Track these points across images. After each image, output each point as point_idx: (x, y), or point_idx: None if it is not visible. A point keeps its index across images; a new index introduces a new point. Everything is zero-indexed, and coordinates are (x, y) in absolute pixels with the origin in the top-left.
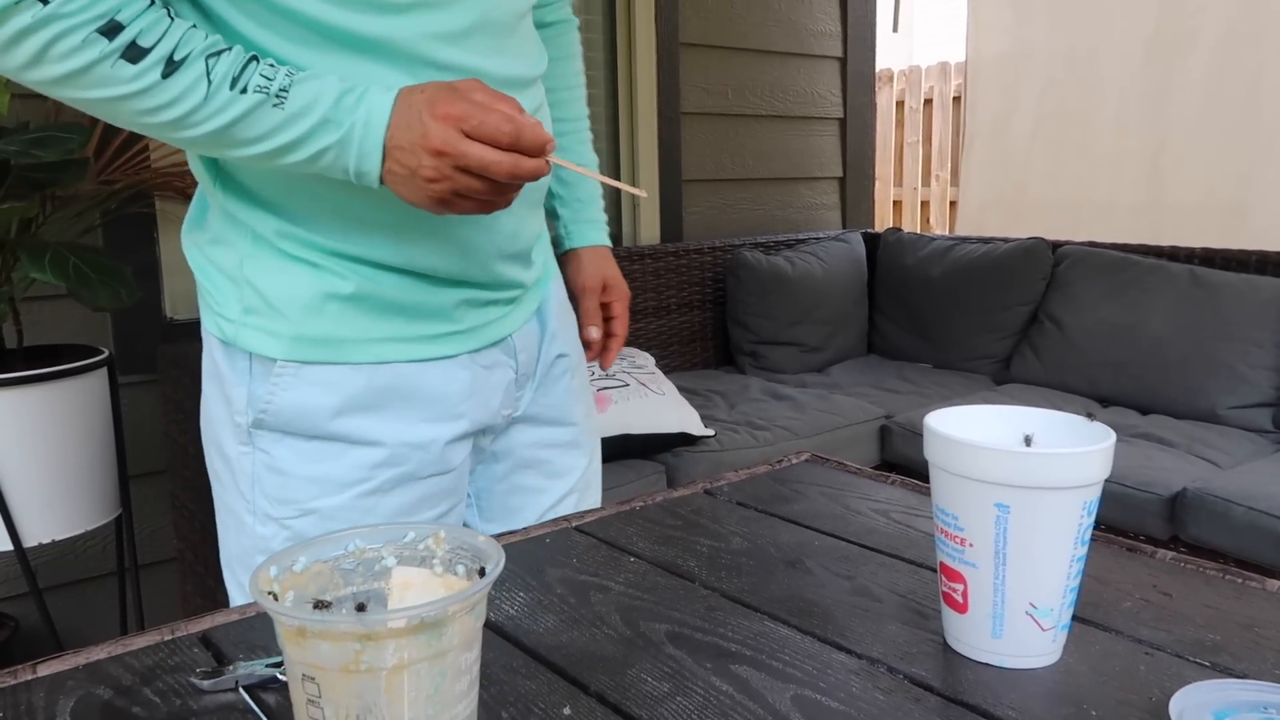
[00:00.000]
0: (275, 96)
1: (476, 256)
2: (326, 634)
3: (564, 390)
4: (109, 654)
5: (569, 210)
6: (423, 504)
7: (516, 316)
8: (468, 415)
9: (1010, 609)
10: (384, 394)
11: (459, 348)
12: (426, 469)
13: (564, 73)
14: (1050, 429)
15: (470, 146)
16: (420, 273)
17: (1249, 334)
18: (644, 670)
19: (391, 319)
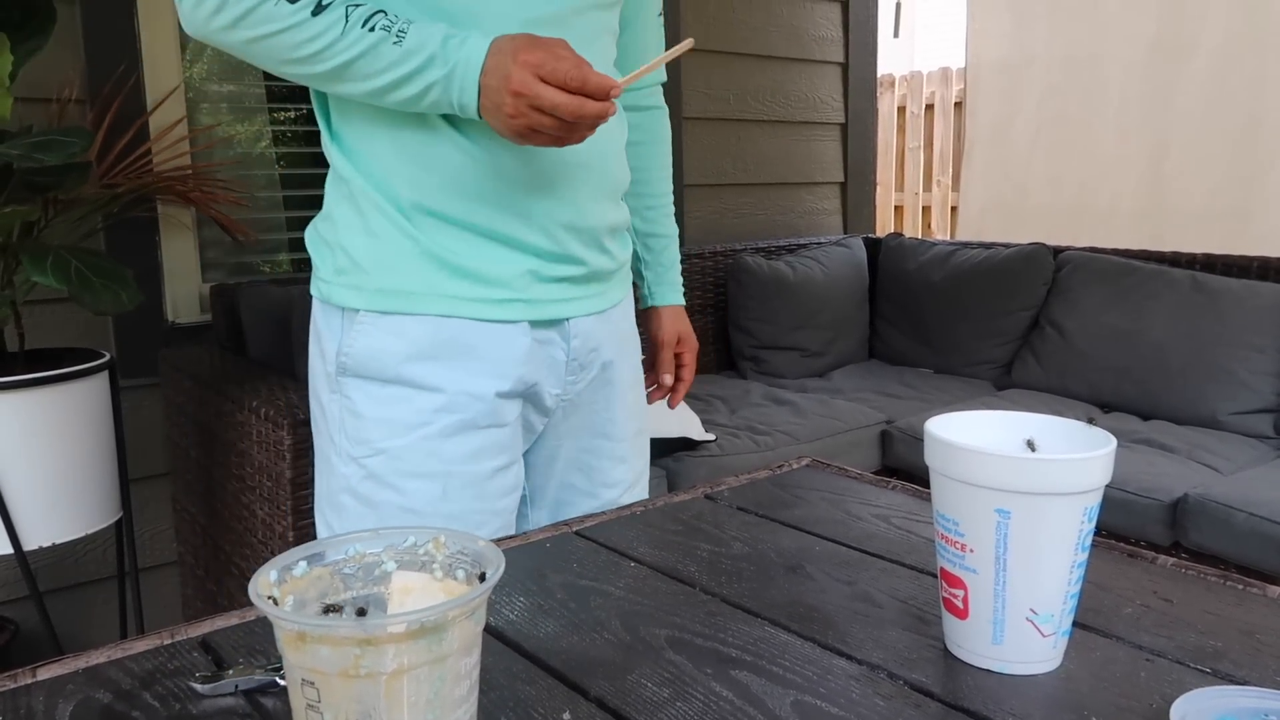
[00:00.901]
0: (395, 35)
1: (540, 221)
2: (326, 638)
3: (618, 407)
4: (109, 658)
5: (652, 273)
6: (483, 454)
7: (580, 305)
8: (519, 378)
9: (1011, 615)
10: (447, 346)
11: (519, 315)
12: (484, 419)
13: (648, 154)
14: (1051, 434)
15: (543, 89)
16: (491, 235)
17: (1250, 340)
18: (644, 675)
19: (460, 280)
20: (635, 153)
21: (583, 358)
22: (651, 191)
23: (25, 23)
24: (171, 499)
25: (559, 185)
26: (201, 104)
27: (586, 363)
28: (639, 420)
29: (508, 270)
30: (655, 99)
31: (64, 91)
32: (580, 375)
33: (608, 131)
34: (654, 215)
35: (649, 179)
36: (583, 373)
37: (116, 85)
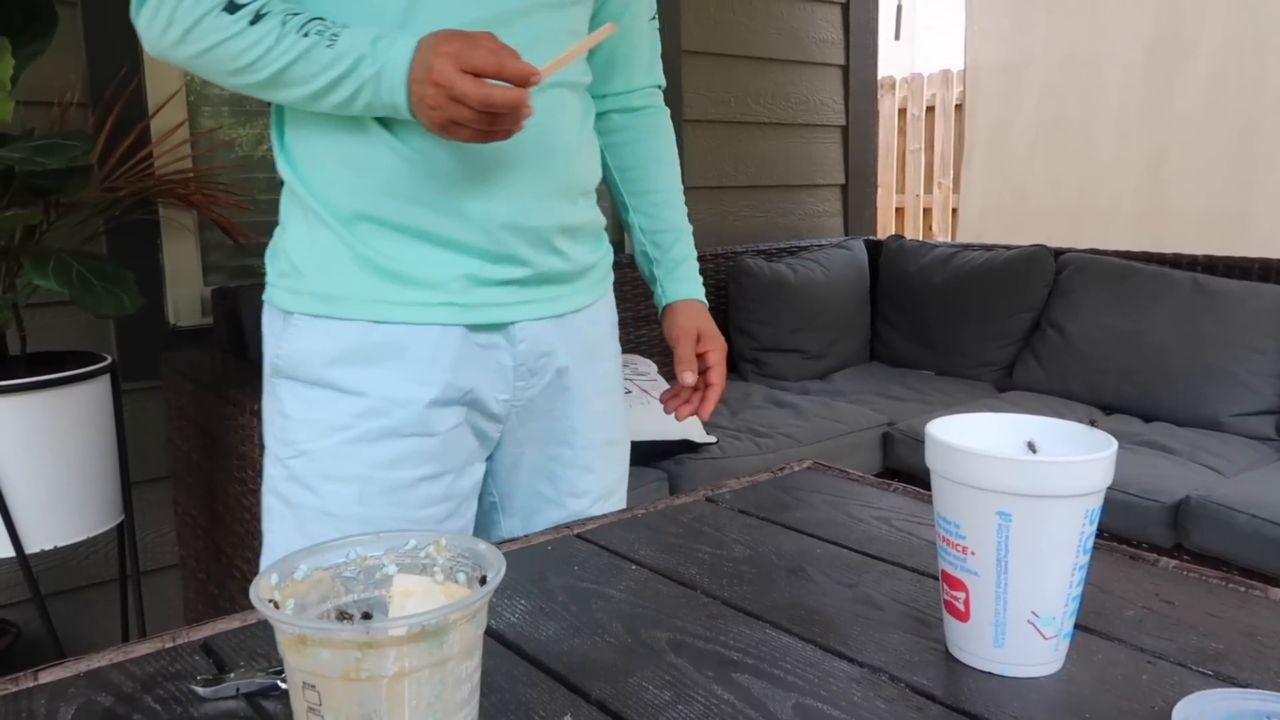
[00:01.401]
0: (329, 39)
1: (479, 222)
2: (327, 642)
3: (582, 415)
4: (110, 661)
5: (663, 270)
6: (404, 461)
7: (528, 309)
8: (454, 384)
9: (1012, 617)
10: (374, 350)
11: (452, 319)
12: (408, 427)
13: (646, 150)
14: (1052, 437)
15: (458, 78)
16: (428, 237)
17: (1252, 341)
18: (645, 678)
19: (390, 283)
20: (629, 151)
21: (532, 363)
22: (652, 186)
23: (26, 26)
24: (173, 502)
25: (498, 185)
26: (203, 107)
27: (537, 368)
28: (608, 430)
29: (442, 273)
30: (649, 100)
31: (65, 95)
32: (531, 381)
33: (554, 129)
34: (658, 210)
35: (647, 173)
36: (534, 378)
37: (118, 89)
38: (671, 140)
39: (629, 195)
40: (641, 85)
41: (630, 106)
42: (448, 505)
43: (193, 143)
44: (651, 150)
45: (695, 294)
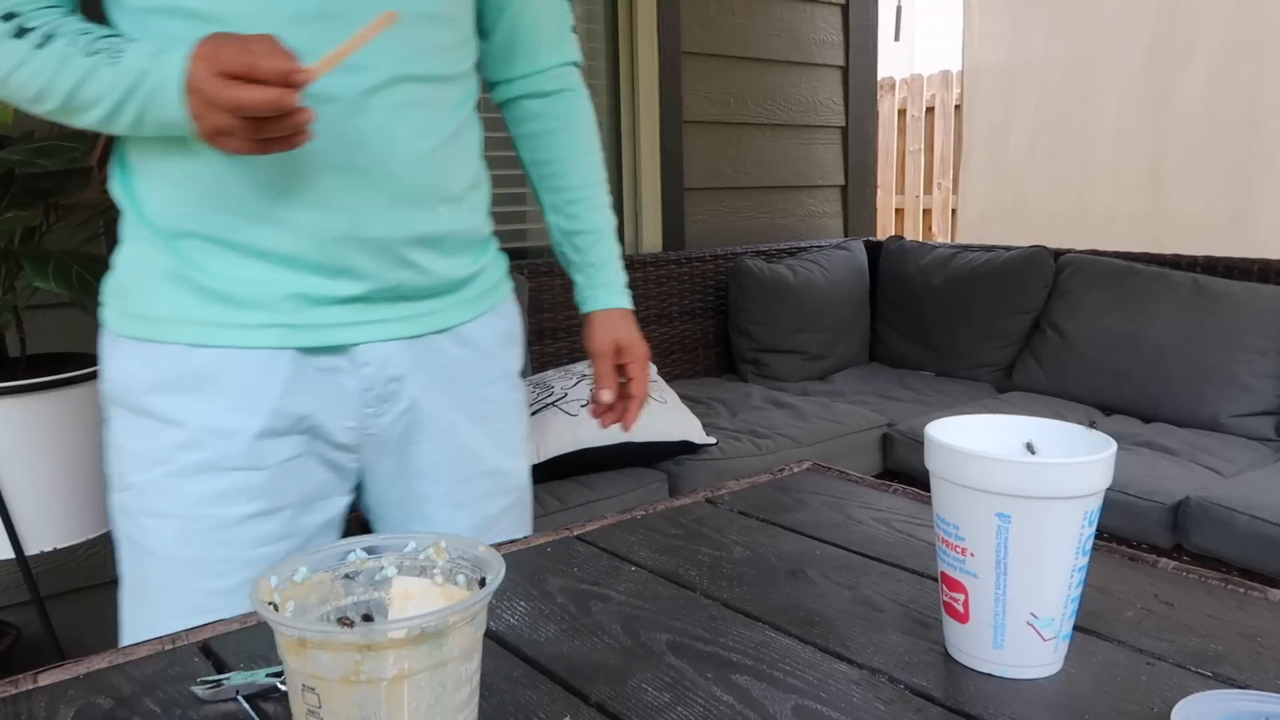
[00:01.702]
0: (111, 56)
1: (310, 234)
2: (327, 644)
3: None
4: (110, 663)
5: (583, 275)
6: (228, 498)
7: (372, 329)
8: (285, 412)
9: (1011, 619)
10: (193, 377)
11: (280, 341)
12: (230, 460)
13: (562, 143)
14: (1051, 438)
15: (208, 81)
16: (255, 253)
17: (1252, 342)
18: (645, 680)
19: (212, 304)
20: (542, 144)
21: (380, 388)
22: (570, 184)
23: None
24: None
25: (330, 193)
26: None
27: (387, 394)
28: (485, 460)
29: (269, 291)
30: (563, 81)
31: None
32: (383, 408)
33: (396, 129)
34: (576, 210)
35: (564, 169)
36: (385, 405)
37: None
38: (589, 126)
39: (544, 193)
40: (549, 65)
41: (540, 91)
42: (289, 544)
43: None
44: (566, 141)
45: (615, 302)
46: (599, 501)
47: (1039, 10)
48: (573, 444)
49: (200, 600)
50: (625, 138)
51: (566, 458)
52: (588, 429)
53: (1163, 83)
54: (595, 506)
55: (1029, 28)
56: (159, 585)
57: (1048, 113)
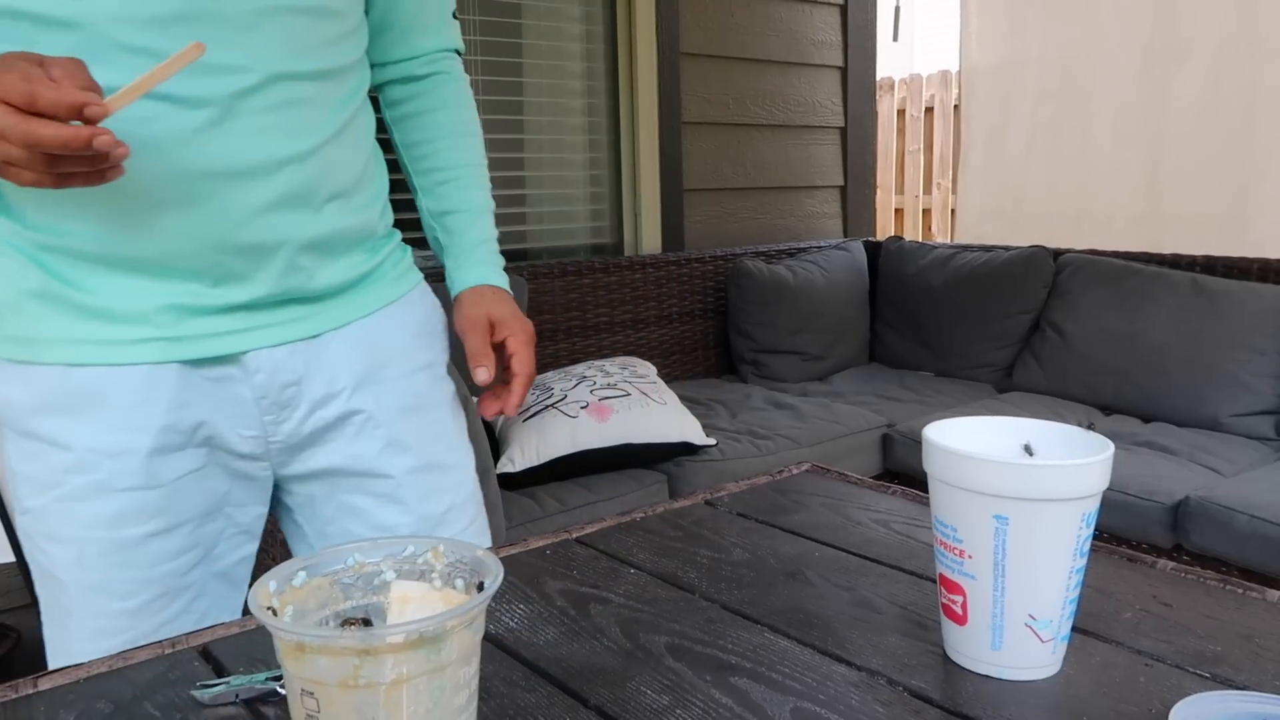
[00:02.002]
0: None
1: (185, 242)
2: (325, 649)
3: (370, 443)
4: (109, 668)
5: (451, 259)
6: (125, 519)
7: (260, 335)
8: (175, 427)
9: (1009, 620)
10: (76, 397)
11: (162, 355)
12: (123, 480)
13: (432, 124)
14: (1049, 440)
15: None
16: (130, 265)
17: (1251, 342)
18: (644, 683)
19: (88, 320)
20: (412, 125)
21: (276, 395)
22: (440, 164)
23: None
24: None
25: (202, 198)
26: None
27: (285, 400)
28: (418, 454)
29: (145, 304)
30: (436, 66)
31: None
32: (283, 414)
33: (271, 131)
34: (447, 190)
35: (434, 150)
36: (286, 412)
37: None
38: (467, 110)
39: (415, 175)
40: (424, 51)
41: (412, 75)
42: (192, 555)
43: None
44: (444, 125)
45: (485, 279)
46: (598, 503)
47: (1035, 11)
48: (572, 446)
49: (108, 623)
50: (624, 139)
51: (566, 459)
52: (587, 430)
53: (1160, 83)
54: (595, 508)
55: (1026, 28)
56: (66, 608)
57: (1045, 113)
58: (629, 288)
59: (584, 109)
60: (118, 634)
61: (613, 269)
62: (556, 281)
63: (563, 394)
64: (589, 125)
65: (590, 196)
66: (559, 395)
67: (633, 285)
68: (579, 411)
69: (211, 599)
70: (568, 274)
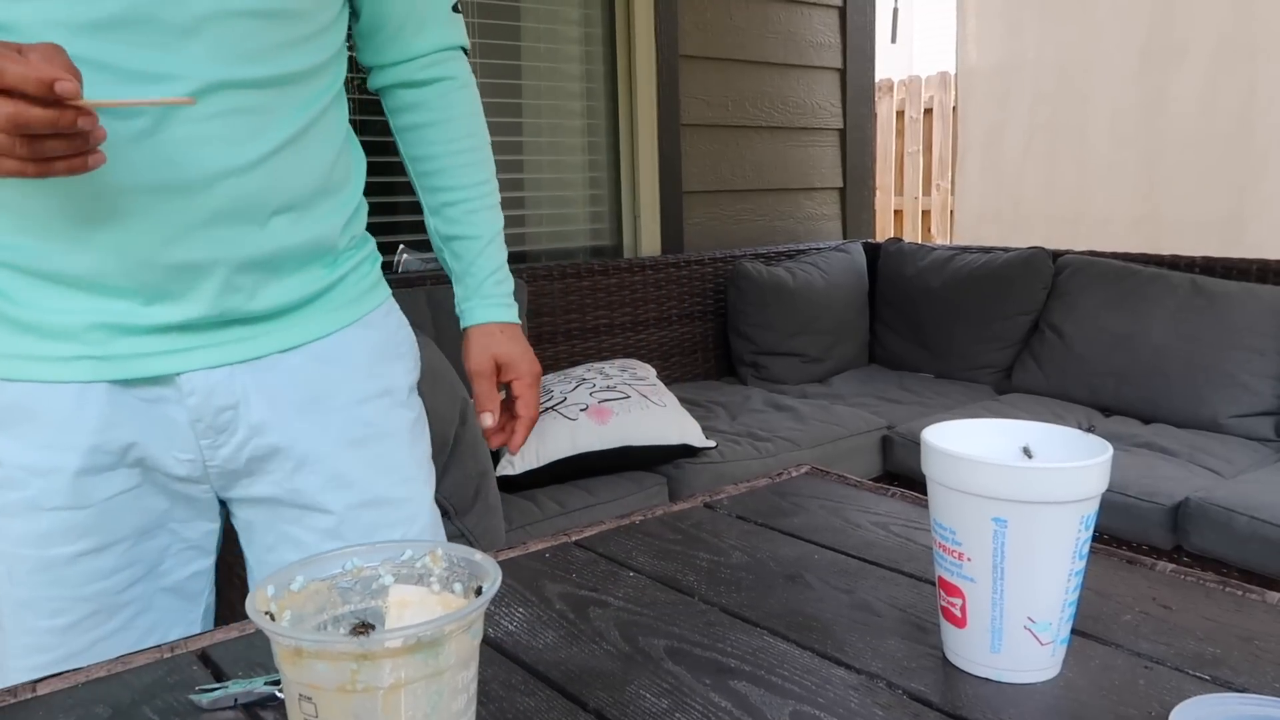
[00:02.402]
0: None
1: (118, 258)
2: (323, 654)
3: (311, 477)
4: (108, 672)
5: (461, 288)
6: (53, 538)
7: (194, 356)
8: (104, 448)
9: (1009, 623)
10: (7, 412)
11: (90, 374)
12: (51, 499)
13: (437, 138)
14: (1048, 442)
15: None
16: (62, 279)
17: (1251, 343)
18: (643, 686)
19: (19, 335)
20: (418, 137)
21: (211, 419)
22: (446, 184)
23: None
24: None
25: (133, 212)
26: None
27: (221, 425)
28: (363, 489)
29: (75, 321)
30: (440, 69)
31: None
32: (220, 439)
33: (211, 138)
34: (455, 213)
35: (440, 168)
36: (222, 436)
37: None
38: (472, 120)
39: (422, 193)
40: (423, 52)
41: (412, 80)
42: (129, 573)
43: None
44: (443, 137)
45: (493, 316)
46: (598, 506)
47: (1032, 13)
48: (571, 448)
49: (38, 639)
50: (623, 141)
51: (565, 462)
52: (587, 433)
53: (1157, 85)
54: (594, 510)
55: (1022, 30)
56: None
57: (1042, 115)
58: (628, 290)
59: (583, 111)
60: (47, 651)
61: (612, 271)
62: (556, 284)
63: (562, 396)
64: (588, 128)
65: (589, 199)
66: (558, 398)
67: (632, 287)
68: (578, 414)
69: (160, 613)
70: (567, 276)
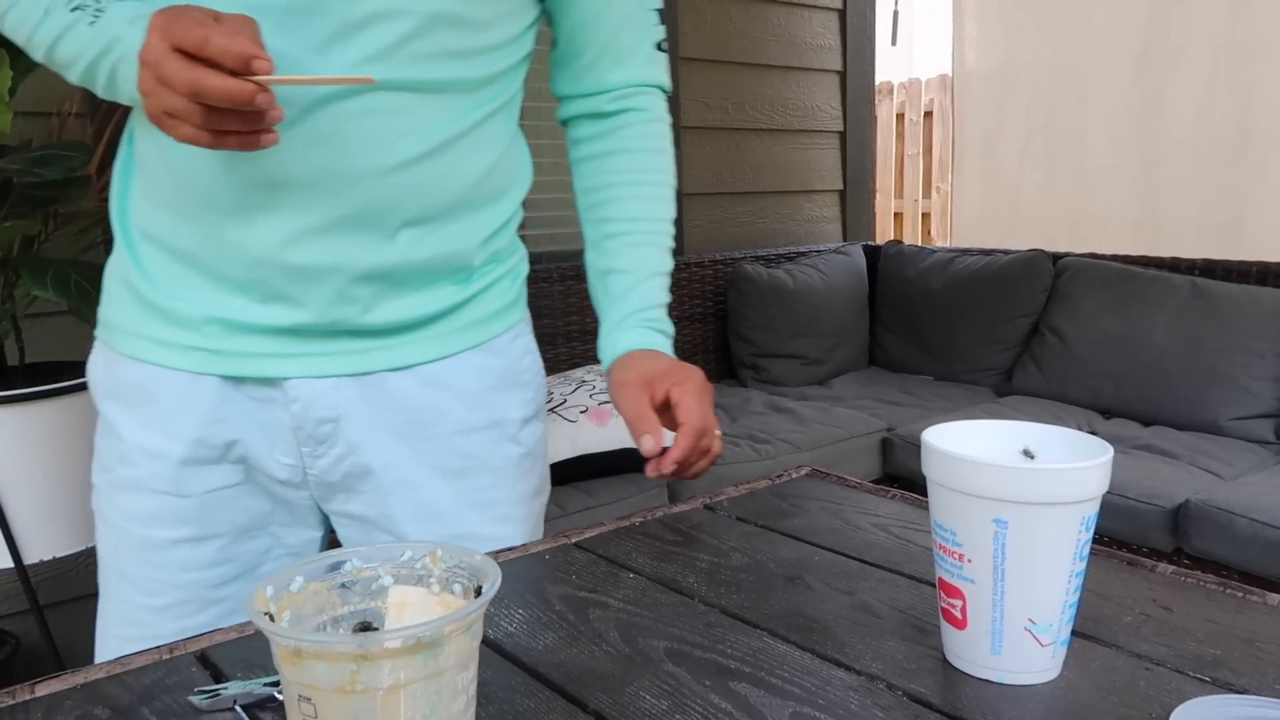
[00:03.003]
0: (92, 15)
1: (237, 253)
2: (322, 654)
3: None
4: (107, 673)
5: (607, 324)
6: (156, 520)
7: (301, 363)
8: (208, 441)
9: (1009, 625)
10: (132, 390)
11: (202, 367)
12: (157, 481)
13: (613, 168)
14: (1049, 443)
15: (165, 57)
16: (194, 265)
17: (1250, 345)
18: (642, 688)
19: (153, 319)
20: (593, 168)
21: (312, 428)
22: (614, 215)
23: None
24: None
25: (258, 208)
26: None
27: (321, 436)
28: (452, 522)
29: (196, 311)
30: (627, 103)
31: (64, 105)
32: (319, 450)
33: (355, 140)
34: (615, 245)
35: (611, 198)
36: (322, 447)
37: None
38: (657, 156)
39: (584, 224)
40: (616, 86)
41: (599, 111)
42: (227, 569)
43: None
44: (619, 168)
45: (640, 344)
46: (598, 508)
47: (1028, 16)
48: (572, 450)
49: (131, 613)
50: None
51: (566, 464)
52: (587, 435)
53: (1154, 88)
54: (594, 513)
55: (1019, 34)
56: (105, 589)
57: (1039, 118)
58: None
59: None
60: (137, 626)
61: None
62: (555, 286)
63: (562, 399)
64: None
65: None
66: (558, 400)
67: None
68: (578, 416)
69: None
70: (567, 278)
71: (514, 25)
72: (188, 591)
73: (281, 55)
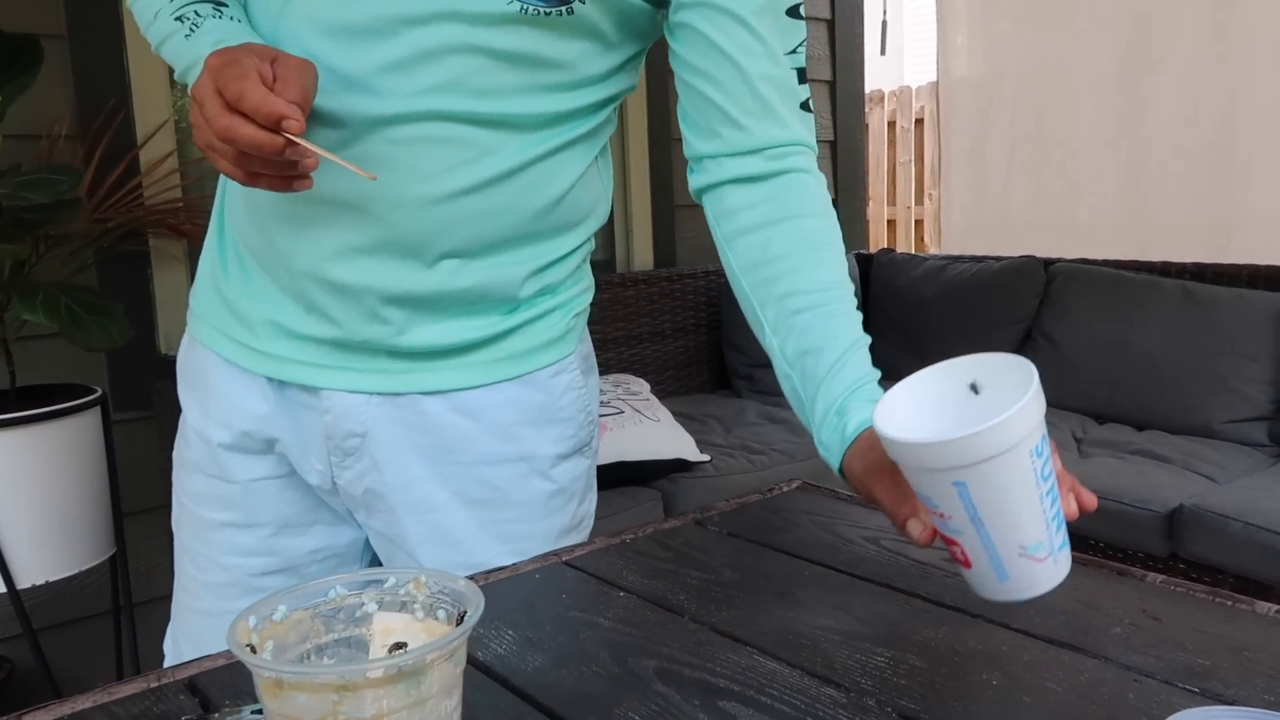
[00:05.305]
0: (189, 28)
1: (288, 264)
2: (303, 685)
3: (419, 528)
4: (95, 702)
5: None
6: (207, 500)
7: (335, 376)
8: (254, 434)
9: (1006, 556)
10: (199, 375)
11: (254, 365)
12: (207, 465)
13: (787, 237)
14: (990, 370)
15: (209, 97)
16: (268, 269)
17: (1243, 348)
18: (632, 709)
19: (219, 308)
20: (758, 241)
21: (340, 440)
22: (798, 287)
23: (13, 61)
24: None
25: (307, 223)
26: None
27: (349, 449)
28: (466, 551)
29: (255, 311)
30: (789, 161)
31: (54, 128)
32: (346, 462)
33: (403, 168)
34: (807, 320)
35: (790, 269)
36: (350, 459)
37: (106, 120)
38: (825, 217)
39: (761, 307)
40: (766, 145)
41: (751, 174)
42: (271, 560)
43: (182, 172)
44: (791, 236)
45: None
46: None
47: (1011, 24)
48: None
49: (187, 584)
50: (615, 155)
51: None
52: None
53: (1138, 93)
54: None
55: (1003, 42)
56: (176, 557)
57: (1025, 125)
58: (621, 305)
59: None
60: (193, 598)
61: (604, 286)
62: None
63: None
64: None
65: None
66: None
67: (625, 302)
68: None
69: None
70: None
71: (602, 63)
72: (230, 574)
73: (347, 76)
